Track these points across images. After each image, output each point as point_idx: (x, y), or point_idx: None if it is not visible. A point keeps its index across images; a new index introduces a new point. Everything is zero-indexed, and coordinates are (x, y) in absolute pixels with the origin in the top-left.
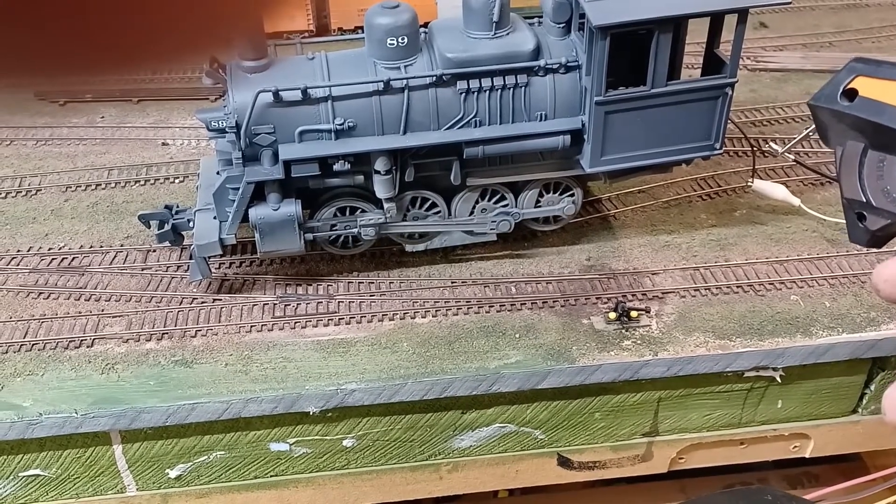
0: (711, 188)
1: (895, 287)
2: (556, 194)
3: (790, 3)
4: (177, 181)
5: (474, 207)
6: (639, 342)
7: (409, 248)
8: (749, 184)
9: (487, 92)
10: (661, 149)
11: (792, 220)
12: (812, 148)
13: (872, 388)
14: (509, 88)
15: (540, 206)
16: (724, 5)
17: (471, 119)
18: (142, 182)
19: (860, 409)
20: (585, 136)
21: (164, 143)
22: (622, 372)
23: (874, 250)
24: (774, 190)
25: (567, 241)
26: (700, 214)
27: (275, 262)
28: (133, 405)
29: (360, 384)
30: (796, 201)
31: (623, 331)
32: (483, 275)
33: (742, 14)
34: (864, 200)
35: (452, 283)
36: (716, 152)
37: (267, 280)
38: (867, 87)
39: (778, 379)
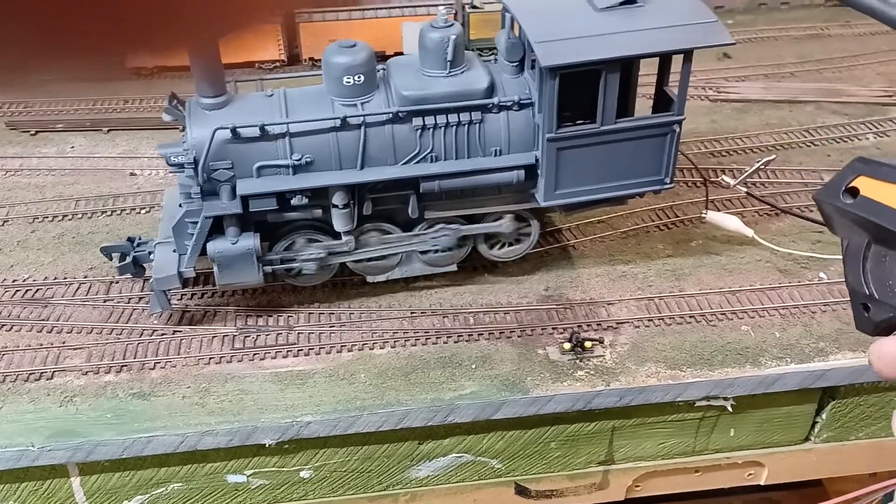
0: (669, 218)
1: (888, 365)
2: (514, 225)
3: (734, 43)
4: (143, 212)
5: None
6: (592, 372)
7: (370, 279)
8: (703, 215)
9: (443, 128)
10: (612, 183)
11: (746, 250)
12: (766, 178)
13: (824, 416)
14: (464, 125)
15: (490, 246)
16: (668, 47)
17: (427, 154)
18: (108, 213)
19: (812, 437)
20: (539, 171)
21: (131, 174)
22: (575, 402)
23: (825, 281)
24: (727, 221)
25: (527, 270)
26: (657, 244)
27: (237, 293)
28: (90, 438)
29: (316, 416)
30: (749, 232)
31: (577, 361)
32: (443, 305)
33: (687, 55)
34: (868, 293)
35: (412, 313)
36: (666, 187)
37: (228, 311)
38: (868, 187)
39: (729, 408)
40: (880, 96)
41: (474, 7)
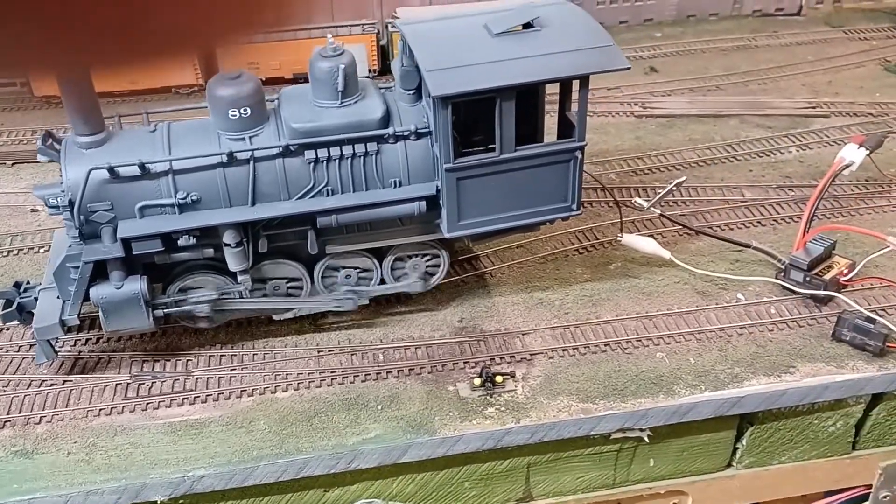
0: (589, 241)
1: None
2: (422, 259)
3: (629, 68)
4: (41, 251)
5: (337, 275)
6: (503, 409)
7: (276, 316)
8: (618, 239)
9: (337, 161)
10: (518, 211)
11: (664, 272)
12: (688, 196)
13: (744, 442)
14: (359, 156)
15: (385, 284)
16: (563, 73)
17: (322, 188)
18: (5, 253)
19: (735, 463)
20: (441, 202)
21: (33, 210)
22: (485, 441)
23: (743, 302)
24: (643, 244)
25: (441, 301)
26: (576, 269)
27: (133, 337)
28: None
29: (210, 469)
30: (666, 254)
31: (488, 397)
32: (352, 342)
33: (583, 80)
34: None
35: (319, 352)
36: (573, 213)
37: (123, 357)
38: None
39: (646, 439)
40: (804, 108)
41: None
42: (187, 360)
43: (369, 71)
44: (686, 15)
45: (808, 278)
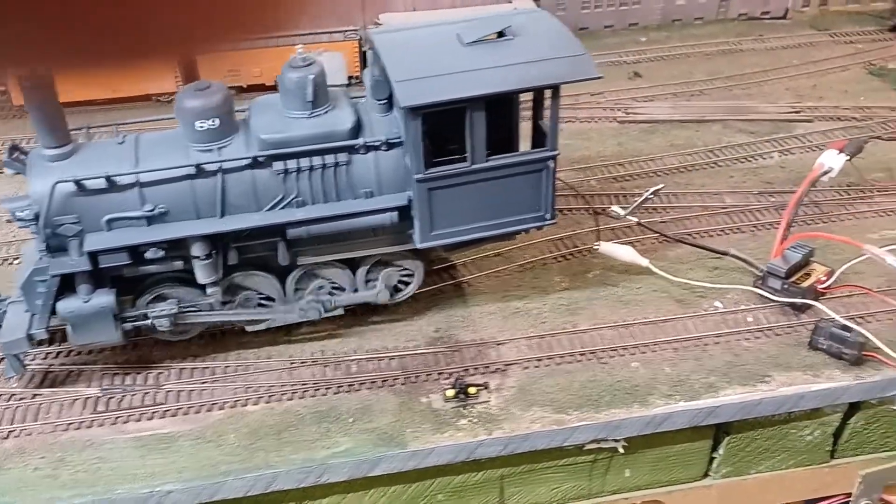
0: (568, 249)
1: None
2: (395, 269)
3: (601, 77)
4: (16, 263)
5: (310, 285)
6: (475, 420)
7: (249, 328)
8: (595, 247)
9: (307, 172)
10: (491, 221)
11: (643, 280)
12: (668, 203)
13: (721, 451)
14: (330, 167)
15: (357, 293)
16: (533, 82)
17: (292, 200)
18: None
19: (711, 473)
20: (413, 213)
21: (8, 221)
22: (457, 454)
23: (721, 310)
24: (621, 252)
25: (418, 310)
26: (554, 277)
27: (105, 350)
28: None
29: (178, 484)
30: (644, 261)
31: (461, 409)
32: (325, 353)
33: (555, 90)
34: None
35: (291, 363)
36: (547, 222)
37: (94, 370)
38: None
39: (620, 449)
40: (787, 112)
41: None
42: (158, 373)
43: (350, 78)
44: (671, 19)
45: (785, 286)
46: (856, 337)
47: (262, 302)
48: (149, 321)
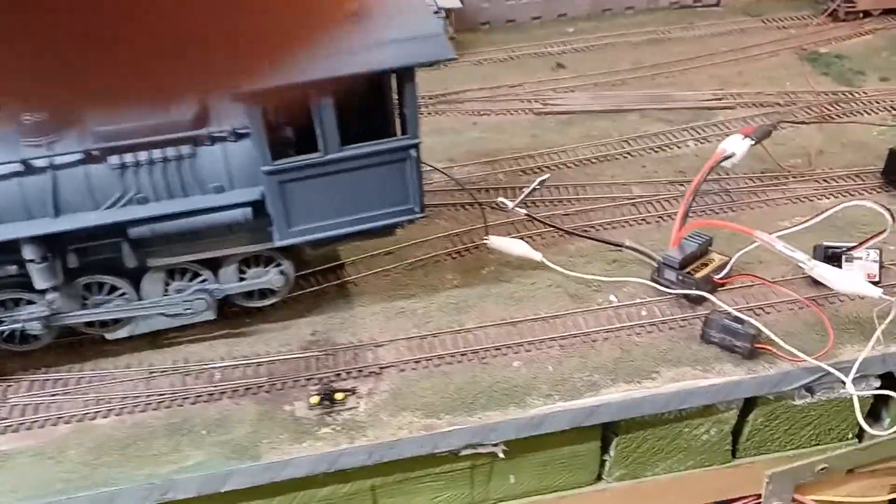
0: (463, 244)
1: None
2: (263, 266)
3: (456, 58)
4: None
5: (167, 288)
6: (339, 428)
7: (109, 336)
8: (485, 241)
9: (147, 166)
10: (355, 216)
11: (537, 275)
12: (575, 195)
13: (612, 453)
14: (172, 161)
15: (245, 281)
16: (380, 65)
17: (133, 196)
18: None
19: (605, 477)
20: (268, 208)
21: None
22: (316, 465)
23: (615, 304)
24: (513, 246)
25: (297, 313)
26: (446, 274)
27: None
28: None
29: None
30: (538, 256)
31: (326, 416)
32: (189, 360)
33: (406, 73)
34: None
35: (151, 373)
36: (417, 216)
37: None
38: None
39: (500, 454)
40: (708, 99)
41: None
42: (7, 386)
43: None
44: (601, 9)
45: (680, 277)
46: (748, 329)
47: (118, 306)
48: (19, 325)
